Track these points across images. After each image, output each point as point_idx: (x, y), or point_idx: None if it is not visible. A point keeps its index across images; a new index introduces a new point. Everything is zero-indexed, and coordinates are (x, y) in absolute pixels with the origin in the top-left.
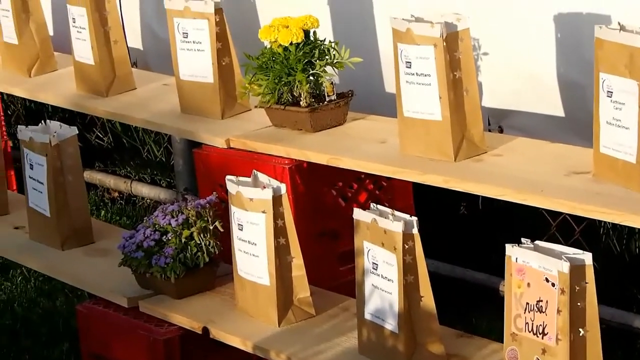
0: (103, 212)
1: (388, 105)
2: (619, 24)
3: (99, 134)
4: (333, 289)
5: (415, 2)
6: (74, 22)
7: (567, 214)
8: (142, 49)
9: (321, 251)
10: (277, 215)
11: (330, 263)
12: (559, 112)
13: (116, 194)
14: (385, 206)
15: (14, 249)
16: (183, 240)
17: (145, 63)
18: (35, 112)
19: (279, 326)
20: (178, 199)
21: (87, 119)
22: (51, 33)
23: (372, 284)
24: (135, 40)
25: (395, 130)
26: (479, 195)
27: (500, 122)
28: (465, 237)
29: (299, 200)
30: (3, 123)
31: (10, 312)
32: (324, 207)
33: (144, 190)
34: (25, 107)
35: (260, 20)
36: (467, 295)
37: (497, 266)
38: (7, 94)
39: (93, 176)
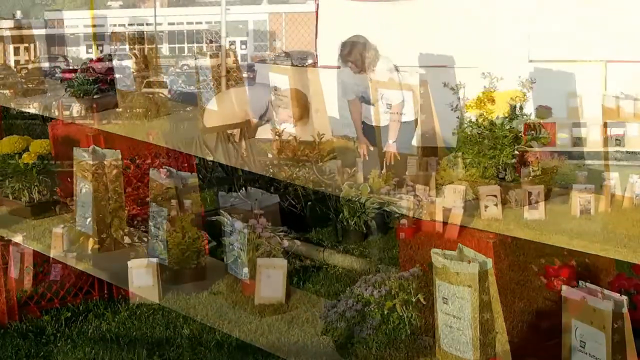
0: (295, 279)
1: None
2: None
3: (292, 201)
4: None
5: (617, 77)
6: None
7: None
8: None
9: (523, 326)
10: (483, 289)
11: (532, 338)
12: None
13: (308, 262)
14: (589, 283)
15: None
16: (385, 311)
17: None
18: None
19: None
20: (373, 270)
21: (282, 187)
22: None
23: None
24: None
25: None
26: None
27: None
28: None
29: (501, 275)
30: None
31: None
32: (524, 282)
33: (338, 259)
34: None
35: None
36: None
37: None
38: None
39: None
